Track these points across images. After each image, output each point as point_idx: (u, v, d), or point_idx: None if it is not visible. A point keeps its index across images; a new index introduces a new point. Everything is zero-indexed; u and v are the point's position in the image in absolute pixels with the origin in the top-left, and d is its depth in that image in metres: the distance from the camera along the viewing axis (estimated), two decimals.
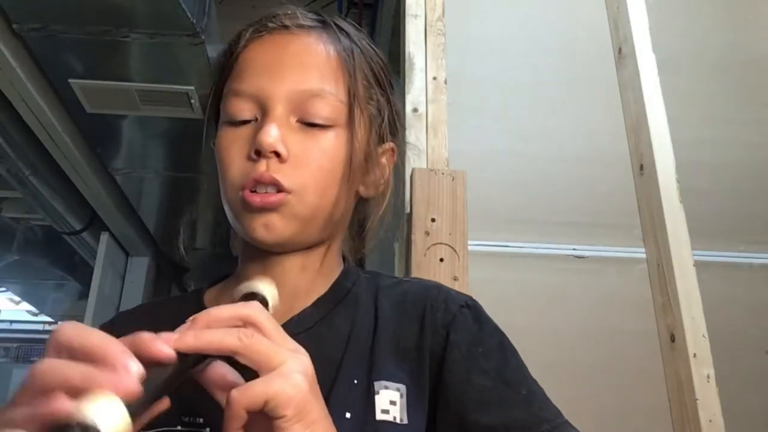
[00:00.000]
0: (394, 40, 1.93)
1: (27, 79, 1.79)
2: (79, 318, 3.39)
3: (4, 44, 1.65)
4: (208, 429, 0.53)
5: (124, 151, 2.43)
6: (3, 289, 5.06)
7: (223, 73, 0.60)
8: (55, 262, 3.64)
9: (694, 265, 1.18)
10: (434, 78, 1.28)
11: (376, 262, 1.00)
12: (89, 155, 2.33)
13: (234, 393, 0.37)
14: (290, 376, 0.38)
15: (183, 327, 0.39)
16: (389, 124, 0.62)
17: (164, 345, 0.37)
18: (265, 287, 0.49)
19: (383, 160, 0.63)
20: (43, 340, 6.71)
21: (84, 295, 3.54)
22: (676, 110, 1.32)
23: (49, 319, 5.95)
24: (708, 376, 1.10)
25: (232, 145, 0.56)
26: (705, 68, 1.45)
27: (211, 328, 0.39)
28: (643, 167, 1.29)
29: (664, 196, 1.23)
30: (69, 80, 1.87)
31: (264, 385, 0.38)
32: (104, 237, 3.03)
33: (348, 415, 0.52)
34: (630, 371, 1.17)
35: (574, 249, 1.25)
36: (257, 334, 0.39)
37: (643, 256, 1.25)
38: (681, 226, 1.21)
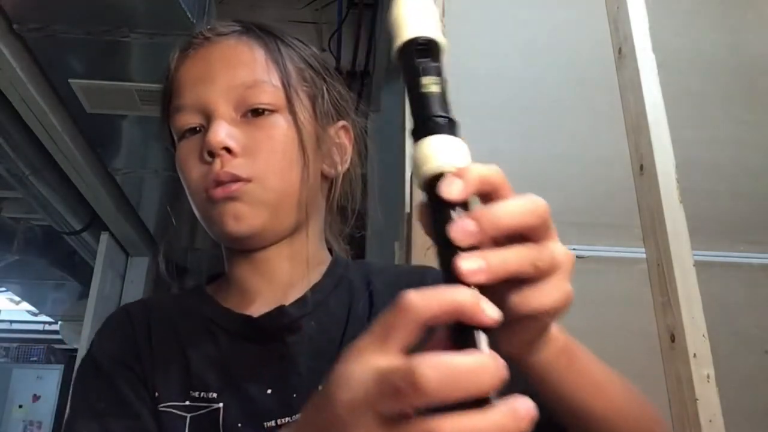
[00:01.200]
0: None
1: (27, 79, 1.79)
2: (79, 318, 3.39)
3: (4, 44, 1.65)
4: (221, 404, 0.54)
5: (124, 151, 2.43)
6: (3, 289, 5.06)
7: (165, 98, 0.63)
8: (55, 262, 3.63)
9: (694, 265, 1.18)
10: None
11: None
12: (89, 155, 2.33)
13: (515, 299, 0.35)
14: (565, 287, 0.36)
15: (463, 222, 0.33)
16: (333, 103, 0.64)
17: (491, 309, 0.31)
18: (429, 27, 0.35)
19: (338, 139, 0.65)
20: (43, 340, 6.71)
21: (84, 295, 3.54)
22: (676, 110, 1.32)
23: (49, 319, 5.95)
24: (708, 376, 1.10)
25: (189, 156, 0.58)
26: (705, 68, 1.45)
27: (494, 238, 0.34)
28: (643, 167, 1.29)
29: (664, 196, 1.23)
30: (69, 80, 1.87)
31: (545, 297, 0.35)
32: (104, 237, 3.02)
33: None
34: (630, 371, 1.16)
35: (574, 249, 1.24)
36: (547, 253, 0.35)
37: (643, 256, 1.25)
38: (681, 226, 1.21)
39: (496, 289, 0.33)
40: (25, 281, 4.59)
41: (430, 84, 0.34)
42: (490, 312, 0.31)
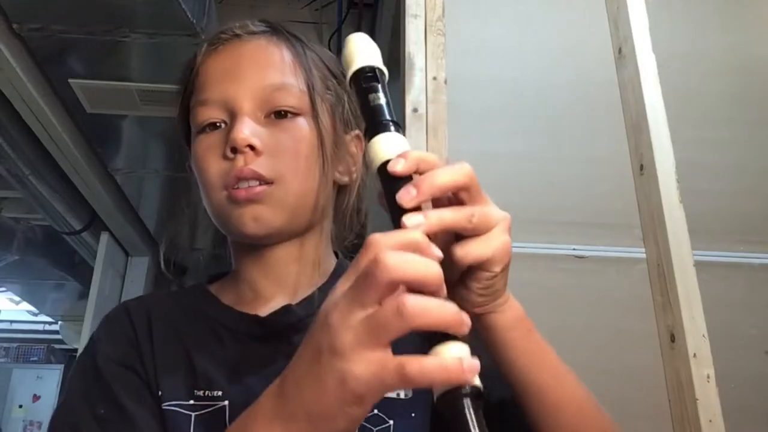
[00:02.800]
0: (394, 41, 1.93)
1: (27, 79, 1.79)
2: (79, 318, 3.39)
3: (4, 44, 1.65)
4: (226, 402, 0.54)
5: (124, 151, 2.43)
6: (3, 289, 5.06)
7: (186, 91, 0.63)
8: (55, 262, 3.63)
9: (694, 265, 1.18)
10: (434, 78, 1.28)
11: None
12: (89, 155, 2.33)
13: (458, 251, 0.42)
14: (503, 237, 0.43)
15: (407, 188, 0.40)
16: (351, 112, 0.65)
17: (436, 249, 0.38)
18: (374, 59, 0.46)
19: (353, 147, 0.66)
20: (43, 340, 6.71)
21: (84, 295, 3.54)
22: (676, 110, 1.32)
23: (49, 319, 5.95)
24: (708, 376, 1.10)
25: (208, 151, 0.58)
26: (705, 68, 1.45)
27: (432, 194, 0.41)
28: (643, 167, 1.29)
29: (664, 196, 1.23)
30: (69, 80, 1.87)
31: (484, 247, 0.42)
32: (104, 237, 3.02)
33: None
34: (630, 371, 1.17)
35: (574, 249, 1.24)
36: (479, 210, 0.42)
37: (643, 256, 1.25)
38: (681, 226, 1.21)
39: (446, 251, 0.40)
40: (25, 281, 4.59)
41: (376, 98, 0.43)
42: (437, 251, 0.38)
